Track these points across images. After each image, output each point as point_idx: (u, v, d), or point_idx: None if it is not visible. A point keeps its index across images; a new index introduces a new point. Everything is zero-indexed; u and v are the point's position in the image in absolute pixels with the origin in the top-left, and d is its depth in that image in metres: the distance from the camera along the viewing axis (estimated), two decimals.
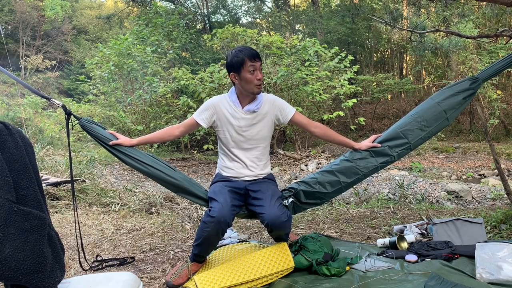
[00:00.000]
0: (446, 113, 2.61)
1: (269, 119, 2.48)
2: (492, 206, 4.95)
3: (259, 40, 10.02)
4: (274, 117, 2.50)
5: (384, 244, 2.80)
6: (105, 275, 2.07)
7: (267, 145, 2.56)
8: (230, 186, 2.44)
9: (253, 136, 2.47)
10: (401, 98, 17.16)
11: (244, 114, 2.44)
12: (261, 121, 2.46)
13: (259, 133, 2.47)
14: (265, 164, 2.58)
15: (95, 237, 3.49)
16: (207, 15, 19.55)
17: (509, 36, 3.51)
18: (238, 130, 2.45)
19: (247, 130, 2.45)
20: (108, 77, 10.67)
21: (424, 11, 5.29)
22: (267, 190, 2.43)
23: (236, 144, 2.48)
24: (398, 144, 2.60)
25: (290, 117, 2.50)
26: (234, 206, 2.34)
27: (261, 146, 2.52)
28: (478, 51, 12.03)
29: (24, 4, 21.55)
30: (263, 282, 2.23)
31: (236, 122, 2.44)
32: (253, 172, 2.51)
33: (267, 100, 2.48)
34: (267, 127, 2.49)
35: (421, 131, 2.61)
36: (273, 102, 2.49)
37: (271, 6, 21.51)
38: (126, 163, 2.49)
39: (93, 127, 2.48)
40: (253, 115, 2.44)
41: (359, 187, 6.60)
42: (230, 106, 2.45)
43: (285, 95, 9.78)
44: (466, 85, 2.65)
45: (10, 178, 1.57)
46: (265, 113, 2.46)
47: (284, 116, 2.50)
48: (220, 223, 2.21)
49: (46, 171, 6.13)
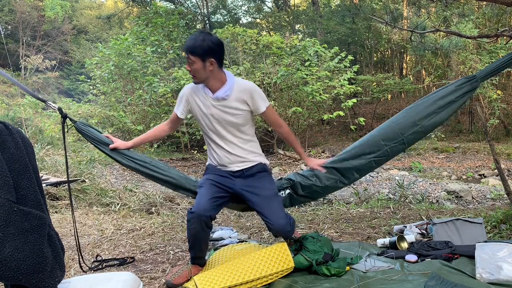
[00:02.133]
0: (440, 108, 2.63)
1: (241, 106, 2.35)
2: (492, 206, 4.95)
3: (259, 40, 10.02)
4: (247, 106, 2.37)
5: (384, 244, 2.80)
6: (105, 275, 2.07)
7: (248, 129, 2.44)
8: (216, 181, 2.39)
9: (228, 123, 2.36)
10: (401, 98, 17.16)
11: (214, 101, 2.34)
12: (232, 108, 2.34)
13: (234, 120, 2.36)
14: (251, 149, 2.47)
15: (95, 237, 3.49)
16: (207, 15, 19.55)
17: (509, 36, 3.51)
18: (211, 118, 2.37)
19: (220, 117, 2.35)
20: (108, 77, 10.67)
21: (424, 11, 5.29)
22: (265, 192, 2.38)
23: (214, 131, 2.40)
24: (391, 138, 2.64)
25: (260, 112, 2.40)
26: (215, 197, 2.32)
27: (240, 131, 2.41)
28: (478, 51, 12.03)
29: (24, 4, 21.53)
30: (263, 282, 2.23)
31: (207, 110, 2.37)
32: (239, 157, 2.41)
33: (238, 87, 2.34)
34: (242, 114, 2.36)
35: (415, 126, 2.64)
36: (245, 90, 2.35)
37: (271, 6, 21.50)
38: (124, 165, 2.54)
39: (89, 130, 2.52)
40: (222, 102, 2.33)
41: (359, 187, 6.60)
42: (201, 94, 2.37)
43: (285, 95, 9.79)
44: (462, 82, 2.65)
45: (10, 178, 1.57)
46: (236, 100, 2.33)
47: (255, 109, 2.39)
48: (201, 217, 2.21)
49: (46, 171, 6.12)
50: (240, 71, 8.98)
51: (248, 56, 10.13)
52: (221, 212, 4.52)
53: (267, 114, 2.44)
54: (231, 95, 2.32)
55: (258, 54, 10.10)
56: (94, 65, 11.10)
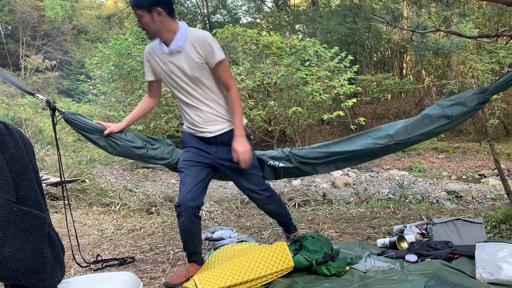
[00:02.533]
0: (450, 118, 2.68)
1: (195, 57, 2.18)
2: (492, 206, 4.95)
3: (259, 40, 10.01)
4: (200, 58, 2.19)
5: (384, 244, 2.80)
6: (105, 275, 2.07)
7: (212, 85, 2.27)
8: (194, 160, 2.33)
9: (189, 77, 2.23)
10: (401, 98, 17.18)
11: (169, 56, 2.22)
12: (188, 59, 2.19)
13: (193, 74, 2.21)
14: (222, 110, 2.31)
15: (95, 237, 3.49)
16: (207, 15, 19.56)
17: (509, 36, 3.51)
18: (171, 75, 2.26)
19: (179, 73, 2.23)
20: (108, 77, 10.67)
21: (425, 11, 5.29)
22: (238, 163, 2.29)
23: (179, 89, 2.29)
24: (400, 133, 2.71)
25: (212, 64, 2.20)
26: (198, 182, 2.28)
27: (206, 87, 2.26)
28: (478, 51, 12.03)
29: (24, 4, 21.55)
30: (262, 281, 2.23)
31: (165, 67, 2.26)
32: (210, 115, 2.29)
33: (192, 36, 2.18)
34: (199, 65, 2.20)
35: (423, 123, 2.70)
36: (198, 39, 2.17)
37: (271, 6, 21.51)
38: (118, 152, 2.54)
39: (78, 119, 2.48)
40: (177, 56, 2.20)
41: (359, 187, 6.61)
42: (159, 51, 2.27)
43: (285, 95, 9.78)
44: (474, 98, 2.68)
45: (10, 178, 1.56)
46: (190, 51, 2.18)
47: (207, 60, 2.20)
48: (188, 208, 2.20)
49: (46, 171, 6.12)
50: (240, 71, 8.98)
51: (248, 56, 10.13)
52: (221, 212, 4.52)
53: (219, 69, 2.22)
54: (184, 47, 2.18)
55: (258, 54, 10.10)
56: (94, 65, 11.10)
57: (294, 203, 4.94)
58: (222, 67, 2.22)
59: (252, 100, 9.42)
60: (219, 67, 2.21)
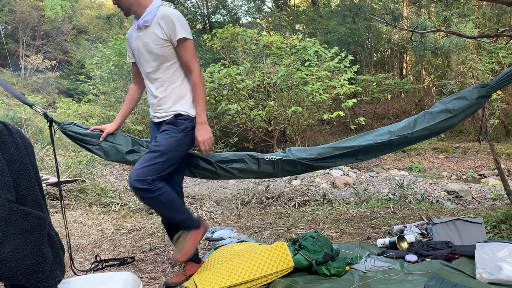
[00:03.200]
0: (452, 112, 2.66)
1: (160, 34, 2.10)
2: (492, 206, 4.95)
3: (259, 40, 10.02)
4: (165, 35, 2.10)
5: (384, 244, 2.80)
6: (105, 275, 2.07)
7: (170, 68, 2.16)
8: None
9: (152, 55, 2.14)
10: (401, 98, 17.18)
11: (137, 32, 2.17)
12: (152, 35, 2.11)
13: (155, 51, 2.12)
14: (171, 94, 2.18)
15: (95, 237, 3.49)
16: (207, 15, 19.56)
17: (509, 36, 3.51)
18: (137, 52, 2.19)
19: (144, 49, 2.15)
20: (108, 77, 10.67)
21: (425, 11, 5.29)
22: (152, 147, 2.16)
23: (142, 68, 2.21)
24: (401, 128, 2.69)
25: (175, 40, 2.09)
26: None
27: (166, 68, 2.15)
28: (478, 51, 12.03)
29: (24, 4, 21.55)
30: (262, 282, 2.23)
31: (134, 43, 2.20)
32: (159, 100, 2.19)
33: (161, 12, 2.10)
34: (163, 44, 2.11)
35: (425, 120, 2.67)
36: (165, 15, 2.09)
37: (271, 6, 21.51)
38: (109, 157, 2.50)
39: (73, 129, 2.48)
40: (144, 31, 2.13)
41: (359, 187, 6.60)
42: (134, 28, 2.21)
43: (285, 95, 9.78)
44: (475, 91, 2.68)
45: (10, 178, 1.56)
46: (156, 27, 2.10)
47: (171, 37, 2.10)
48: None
49: (46, 171, 6.12)
50: (240, 71, 8.98)
51: (248, 56, 10.13)
52: (221, 212, 4.53)
53: (183, 48, 2.11)
54: (151, 21, 2.10)
55: (258, 54, 10.10)
56: (94, 65, 11.10)
57: (294, 203, 4.94)
58: (184, 46, 2.11)
59: (252, 100, 9.42)
60: (181, 46, 2.10)
